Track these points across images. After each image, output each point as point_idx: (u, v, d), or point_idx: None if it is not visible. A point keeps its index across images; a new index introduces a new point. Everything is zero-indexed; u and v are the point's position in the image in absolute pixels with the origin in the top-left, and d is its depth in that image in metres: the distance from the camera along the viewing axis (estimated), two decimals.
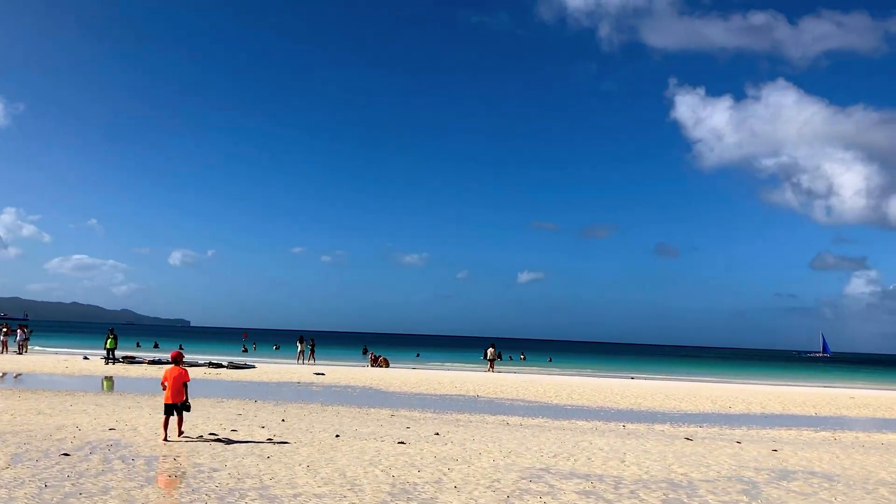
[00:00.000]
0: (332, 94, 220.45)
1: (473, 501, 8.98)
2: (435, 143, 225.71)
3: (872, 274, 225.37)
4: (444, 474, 10.65)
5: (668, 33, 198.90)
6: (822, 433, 19.81)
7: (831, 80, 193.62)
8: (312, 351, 49.13)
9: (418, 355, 71.03)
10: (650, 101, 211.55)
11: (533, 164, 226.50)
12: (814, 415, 25.92)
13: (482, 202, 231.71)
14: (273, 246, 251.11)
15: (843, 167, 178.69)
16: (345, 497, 8.97)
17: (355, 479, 10.04)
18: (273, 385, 30.09)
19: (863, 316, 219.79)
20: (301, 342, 49.49)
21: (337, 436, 14.50)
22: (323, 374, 35.82)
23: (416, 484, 9.89)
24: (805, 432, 19.89)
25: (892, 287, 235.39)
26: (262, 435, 14.17)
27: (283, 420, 17.16)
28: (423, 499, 9.04)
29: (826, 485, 11.07)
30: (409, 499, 9.00)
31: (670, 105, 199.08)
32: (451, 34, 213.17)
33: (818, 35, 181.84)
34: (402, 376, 37.37)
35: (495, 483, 10.14)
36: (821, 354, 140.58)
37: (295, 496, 8.93)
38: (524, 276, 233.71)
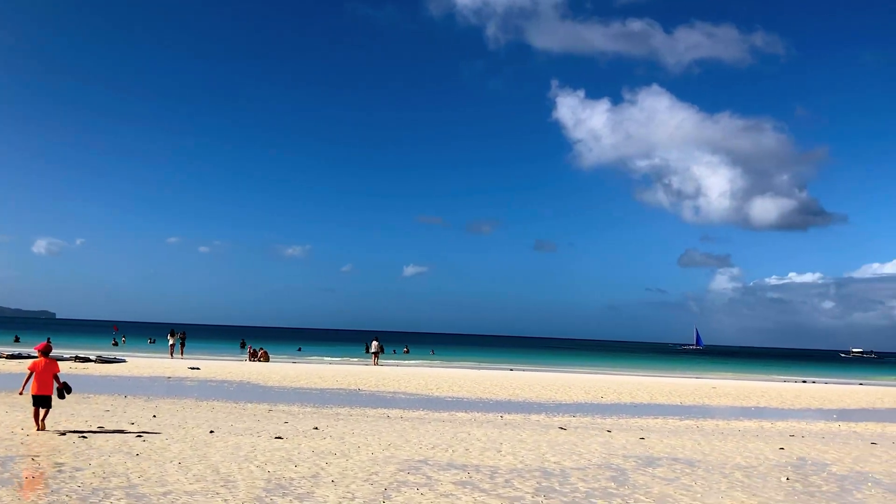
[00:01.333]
0: (212, 86, 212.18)
1: (350, 495, 8.94)
2: (319, 135, 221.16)
3: (735, 271, 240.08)
4: (322, 468, 10.55)
5: (551, 36, 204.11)
6: (686, 421, 20.92)
7: (701, 88, 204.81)
8: (182, 344, 47.58)
9: (300, 349, 69.94)
10: (533, 101, 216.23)
11: (420, 158, 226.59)
12: (679, 404, 27.34)
13: (367, 195, 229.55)
14: (147, 235, 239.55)
15: (710, 170, 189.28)
16: (217, 494, 8.73)
17: (229, 475, 9.79)
18: (144, 380, 28.90)
19: (726, 310, 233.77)
20: (172, 335, 47.83)
21: (211, 431, 14.08)
22: (198, 369, 34.68)
23: (292, 479, 9.75)
24: (671, 421, 20.95)
25: (751, 284, 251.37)
26: (132, 431, 13.58)
27: (154, 416, 16.52)
28: (298, 493, 8.92)
29: (688, 470, 11.70)
30: (284, 494, 8.86)
31: (552, 105, 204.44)
32: (337, 26, 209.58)
33: (690, 44, 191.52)
34: (282, 370, 36.73)
35: (373, 476, 10.13)
36: (694, 346, 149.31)
37: (164, 494, 8.61)
38: (409, 270, 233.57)
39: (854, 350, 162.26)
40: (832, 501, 9.68)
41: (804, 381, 50.56)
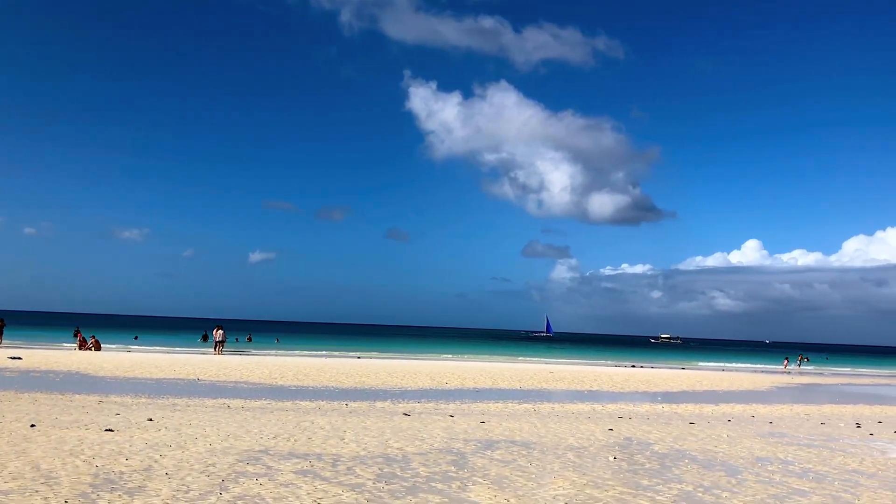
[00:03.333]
0: (44, 67, 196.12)
1: (185, 487, 8.62)
2: (158, 113, 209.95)
3: (573, 262, 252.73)
4: (156, 461, 10.11)
5: (405, 26, 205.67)
6: (525, 405, 21.75)
7: (547, 87, 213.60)
8: (0, 332, 44.10)
9: (136, 338, 66.51)
10: (387, 90, 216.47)
11: (269, 141, 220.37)
12: (519, 388, 28.39)
13: (211, 178, 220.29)
14: None
15: (553, 166, 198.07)
16: (37, 492, 8.15)
17: (51, 472, 9.16)
18: None
19: (564, 299, 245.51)
20: None
21: (32, 425, 13.13)
22: (20, 359, 32.20)
23: (122, 473, 9.27)
24: (510, 405, 21.71)
25: (588, 274, 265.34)
26: None
27: None
28: (129, 488, 8.50)
29: (524, 452, 12.18)
30: (113, 489, 8.41)
31: (405, 96, 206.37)
32: (187, 7, 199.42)
33: (538, 44, 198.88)
34: (115, 360, 34.81)
35: (210, 468, 9.82)
36: (544, 333, 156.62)
37: None
38: (256, 256, 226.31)
39: (662, 336, 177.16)
40: (653, 478, 10.40)
41: (633, 366, 53.98)
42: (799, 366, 61.81)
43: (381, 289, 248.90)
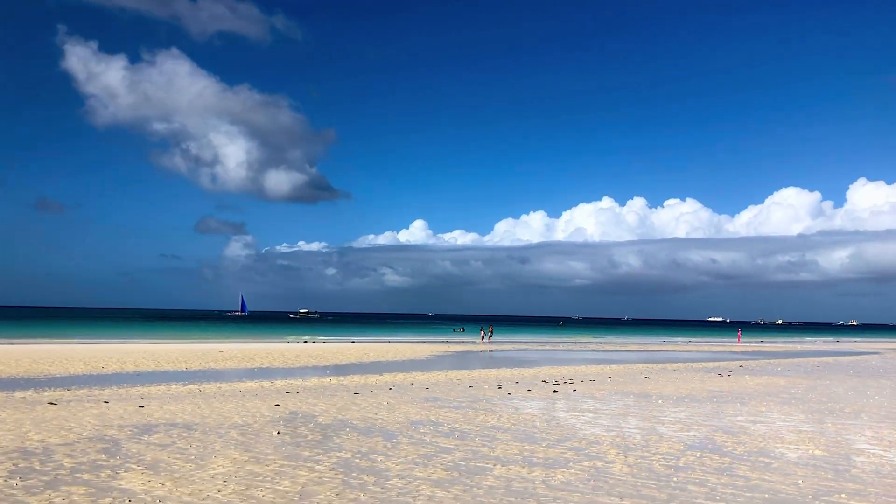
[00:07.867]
0: None
1: None
2: None
3: (249, 239, 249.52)
4: None
5: None
6: (189, 386, 20.94)
7: (223, 59, 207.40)
8: None
9: None
10: (37, 46, 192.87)
11: None
12: (184, 369, 27.25)
13: None
14: None
15: (228, 140, 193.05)
16: None
17: None
18: None
19: (239, 277, 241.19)
20: None
21: None
22: None
23: None
24: (174, 386, 20.75)
25: (264, 251, 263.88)
26: None
27: None
28: None
29: (185, 434, 11.74)
30: None
31: (60, 54, 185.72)
32: None
33: (214, 15, 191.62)
34: None
35: None
36: (239, 313, 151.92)
37: None
38: None
39: (301, 311, 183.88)
40: (315, 448, 10.67)
41: (306, 342, 54.90)
42: (490, 336, 66.96)
43: (29, 266, 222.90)
